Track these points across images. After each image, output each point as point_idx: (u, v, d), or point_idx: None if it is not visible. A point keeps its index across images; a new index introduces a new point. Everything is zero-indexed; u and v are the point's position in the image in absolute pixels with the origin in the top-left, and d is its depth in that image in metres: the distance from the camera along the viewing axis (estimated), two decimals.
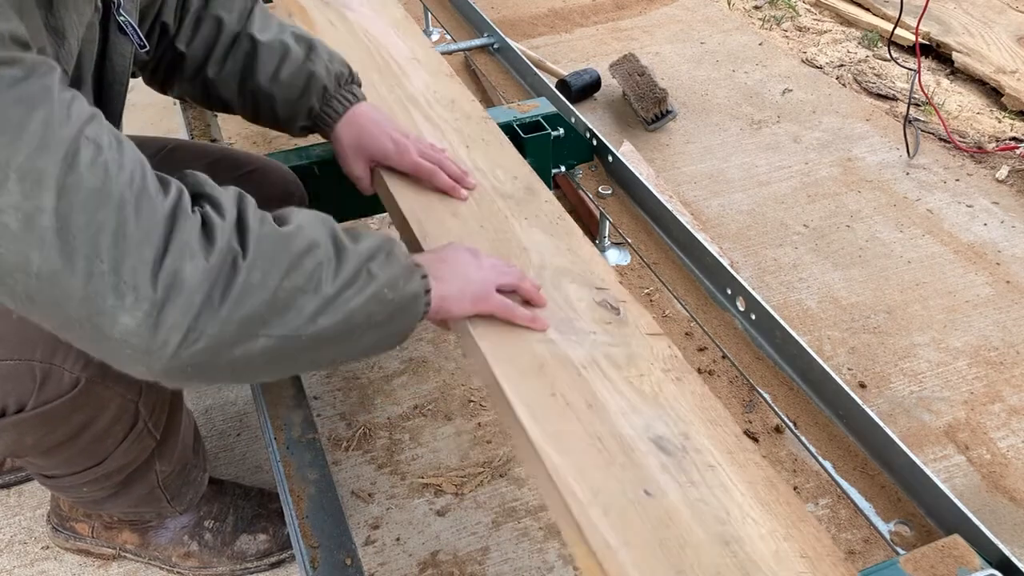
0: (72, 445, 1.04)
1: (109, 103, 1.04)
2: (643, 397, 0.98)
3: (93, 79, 1.00)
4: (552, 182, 1.61)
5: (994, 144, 2.31)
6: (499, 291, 1.02)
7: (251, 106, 1.26)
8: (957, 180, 2.19)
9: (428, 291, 0.95)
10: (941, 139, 2.34)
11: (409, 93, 1.50)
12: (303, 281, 0.81)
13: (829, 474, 1.10)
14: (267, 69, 1.22)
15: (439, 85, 1.57)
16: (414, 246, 1.17)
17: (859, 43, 2.86)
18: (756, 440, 1.52)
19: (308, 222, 0.86)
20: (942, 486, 1.00)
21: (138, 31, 1.02)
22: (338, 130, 1.26)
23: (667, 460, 0.91)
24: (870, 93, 2.60)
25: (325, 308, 0.82)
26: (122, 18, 1.00)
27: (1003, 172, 2.20)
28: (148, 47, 1.08)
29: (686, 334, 1.71)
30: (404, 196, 1.23)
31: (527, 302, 1.04)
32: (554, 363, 0.99)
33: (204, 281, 0.74)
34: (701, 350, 1.68)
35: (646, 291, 1.80)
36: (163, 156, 1.28)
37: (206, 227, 0.77)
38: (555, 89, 1.77)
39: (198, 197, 0.81)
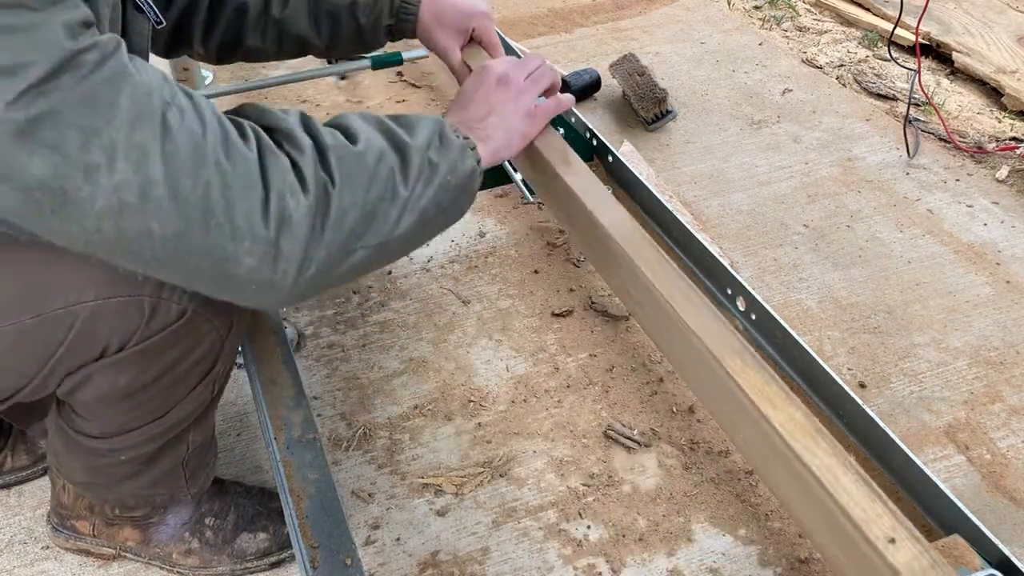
0: (156, 385, 1.06)
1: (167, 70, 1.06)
2: None
3: None
4: None
5: (994, 144, 2.31)
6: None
7: (328, 30, 1.29)
8: (957, 180, 2.19)
9: (479, 161, 1.01)
10: (941, 139, 2.34)
11: None
12: (382, 190, 0.88)
13: None
14: None
15: None
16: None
17: (859, 43, 2.86)
18: None
19: (369, 132, 0.92)
20: (942, 486, 1.00)
21: (154, 8, 1.03)
22: (421, 14, 1.30)
23: None
24: (870, 93, 2.60)
25: (404, 210, 0.90)
26: None
27: (1003, 172, 2.20)
28: (164, 23, 1.10)
29: None
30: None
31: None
32: None
33: (307, 214, 0.81)
34: None
35: None
36: None
37: (294, 165, 0.83)
38: None
39: (270, 132, 0.85)
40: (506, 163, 1.61)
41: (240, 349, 1.36)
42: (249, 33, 1.28)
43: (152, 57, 1.13)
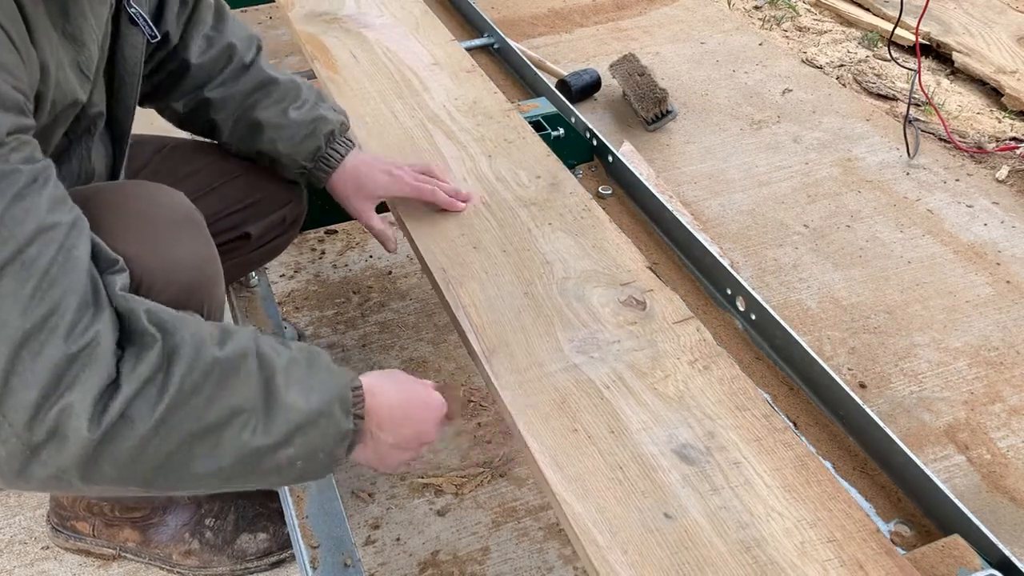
0: None
1: (122, 96, 1.05)
2: (667, 403, 1.00)
3: (106, 73, 1.00)
4: None
5: (994, 144, 2.31)
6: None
7: (245, 135, 1.26)
8: (957, 180, 2.19)
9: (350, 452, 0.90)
10: (941, 139, 2.34)
11: (431, 112, 1.53)
12: (207, 447, 0.78)
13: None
14: (278, 105, 1.24)
15: (460, 87, 1.60)
16: (438, 292, 1.19)
17: (859, 43, 2.86)
18: None
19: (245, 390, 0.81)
20: (942, 486, 1.00)
21: (149, 22, 1.03)
22: (335, 176, 1.28)
23: (690, 471, 0.93)
24: (870, 93, 2.60)
25: (228, 473, 0.80)
26: (133, 9, 1.01)
27: (1003, 172, 2.20)
28: (159, 36, 1.08)
29: None
30: (425, 245, 1.25)
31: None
32: (577, 392, 1.02)
33: (84, 447, 0.71)
34: None
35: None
36: (163, 155, 1.29)
37: (111, 387, 0.73)
38: (555, 89, 1.77)
39: (133, 335, 0.77)
40: None
41: None
42: (173, 95, 1.25)
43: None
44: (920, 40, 2.56)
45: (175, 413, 0.75)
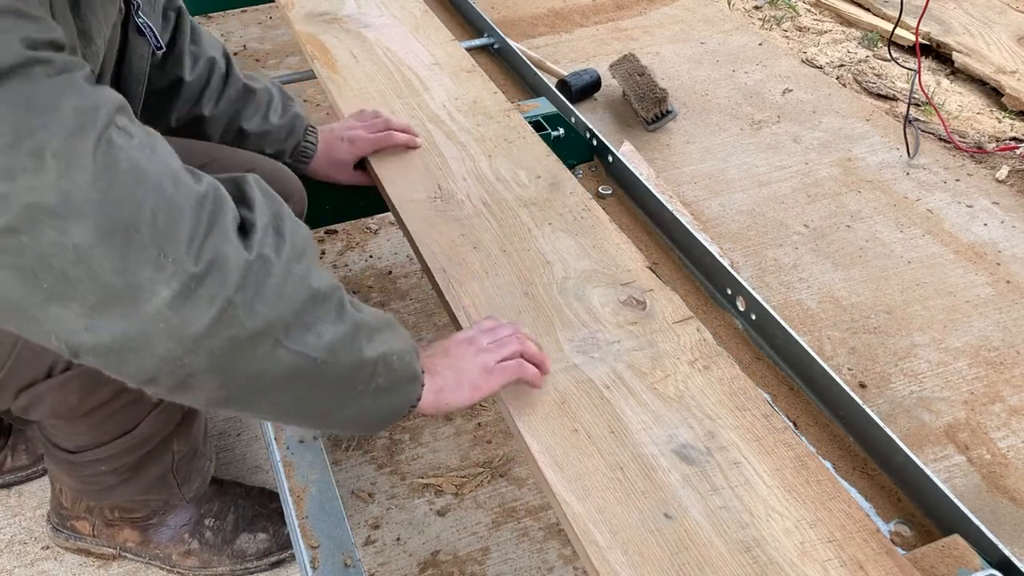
0: (111, 406, 1.06)
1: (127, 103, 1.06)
2: (667, 403, 1.00)
3: (112, 79, 1.01)
4: None
5: (994, 144, 2.31)
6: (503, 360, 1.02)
7: (231, 142, 1.36)
8: (957, 180, 2.19)
9: (422, 384, 0.95)
10: (941, 139, 2.34)
11: (431, 111, 1.53)
12: (324, 312, 0.82)
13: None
14: (259, 112, 1.36)
15: (460, 87, 1.60)
16: (439, 292, 1.19)
17: (859, 43, 2.86)
18: None
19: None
20: (942, 486, 1.00)
21: (156, 33, 1.04)
22: (311, 164, 1.42)
23: (690, 471, 0.93)
24: (870, 93, 2.60)
25: (342, 342, 0.83)
26: (140, 20, 1.02)
27: (1003, 172, 2.20)
28: (164, 48, 1.09)
29: None
30: (425, 245, 1.25)
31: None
32: (577, 393, 1.01)
33: (243, 268, 0.74)
34: None
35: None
36: None
37: (245, 223, 0.78)
38: (555, 89, 1.77)
39: (237, 199, 0.81)
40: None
41: None
42: (173, 110, 1.30)
43: None
44: (920, 40, 2.56)
45: (295, 264, 0.79)
